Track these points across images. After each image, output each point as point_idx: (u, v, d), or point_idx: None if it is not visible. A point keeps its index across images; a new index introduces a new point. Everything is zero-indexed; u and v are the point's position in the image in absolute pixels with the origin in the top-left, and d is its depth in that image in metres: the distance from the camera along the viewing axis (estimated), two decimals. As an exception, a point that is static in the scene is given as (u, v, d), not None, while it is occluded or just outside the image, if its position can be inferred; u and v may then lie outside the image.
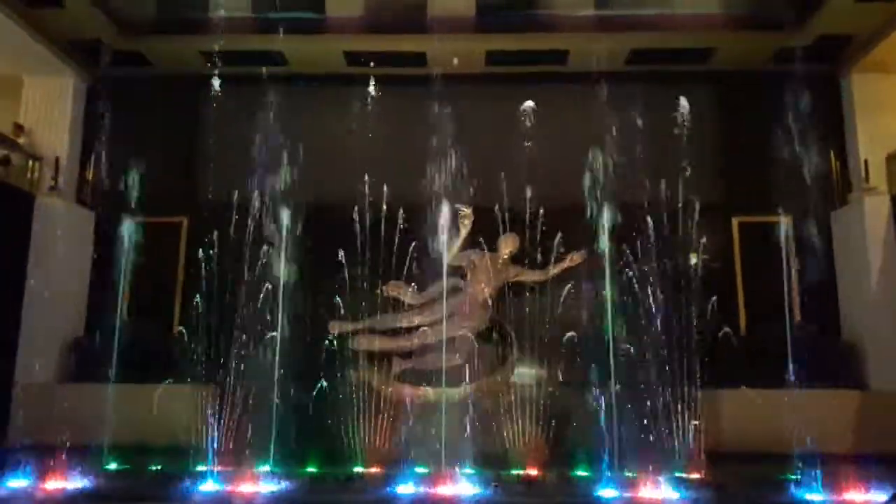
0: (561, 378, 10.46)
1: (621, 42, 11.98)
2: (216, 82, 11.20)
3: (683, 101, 10.39)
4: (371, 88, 11.39)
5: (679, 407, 9.12)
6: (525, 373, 10.55)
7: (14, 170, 11.79)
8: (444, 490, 7.95)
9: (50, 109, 12.43)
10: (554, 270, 10.61)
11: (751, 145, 11.79)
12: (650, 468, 8.17)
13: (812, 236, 10.97)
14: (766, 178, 10.55)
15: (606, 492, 7.88)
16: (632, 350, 9.42)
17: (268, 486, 8.03)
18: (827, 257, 11.86)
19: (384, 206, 10.29)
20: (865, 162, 11.70)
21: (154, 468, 8.95)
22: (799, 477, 8.10)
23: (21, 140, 12.14)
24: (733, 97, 12.63)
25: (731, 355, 10.65)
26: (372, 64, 11.84)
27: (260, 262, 9.89)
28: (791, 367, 8.99)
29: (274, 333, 9.57)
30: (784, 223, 10.59)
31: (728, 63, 12.50)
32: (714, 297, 9.68)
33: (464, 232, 10.33)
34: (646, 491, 7.85)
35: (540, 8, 12.13)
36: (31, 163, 12.08)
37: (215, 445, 8.95)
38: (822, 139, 11.25)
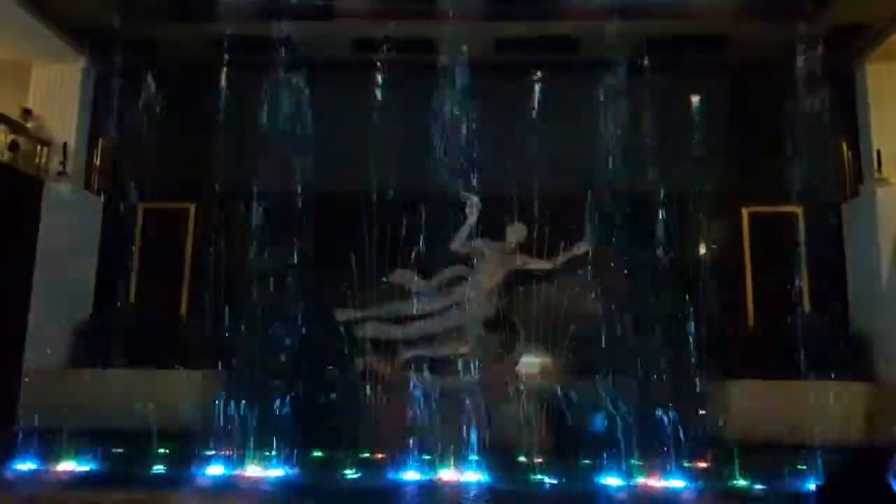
0: (567, 367, 10.47)
1: (634, 30, 11.84)
2: (224, 68, 11.19)
3: (695, 91, 10.31)
4: (379, 75, 11.33)
5: (686, 397, 9.10)
6: (531, 361, 10.54)
7: (22, 155, 11.80)
8: (450, 477, 7.97)
9: (58, 95, 12.39)
10: (561, 260, 10.58)
11: (762, 135, 11.66)
12: (657, 457, 8.16)
13: (823, 227, 10.88)
14: (777, 169, 10.43)
15: (613, 480, 7.88)
16: (638, 340, 9.39)
17: (274, 471, 8.07)
18: (837, 249, 11.76)
19: (391, 194, 10.25)
20: (878, 153, 11.55)
21: (161, 452, 9.01)
22: (806, 468, 8.06)
23: (29, 125, 12.14)
24: (746, 86, 12.48)
25: (739, 346, 10.60)
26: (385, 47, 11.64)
27: (266, 248, 9.91)
28: (800, 358, 8.95)
29: (281, 319, 9.60)
30: (795, 214, 10.50)
31: (741, 52, 12.34)
32: (722, 288, 9.63)
33: (471, 220, 10.30)
34: (652, 480, 7.84)
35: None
36: (39, 148, 12.08)
37: (223, 429, 8.99)
38: (834, 130, 11.15)
